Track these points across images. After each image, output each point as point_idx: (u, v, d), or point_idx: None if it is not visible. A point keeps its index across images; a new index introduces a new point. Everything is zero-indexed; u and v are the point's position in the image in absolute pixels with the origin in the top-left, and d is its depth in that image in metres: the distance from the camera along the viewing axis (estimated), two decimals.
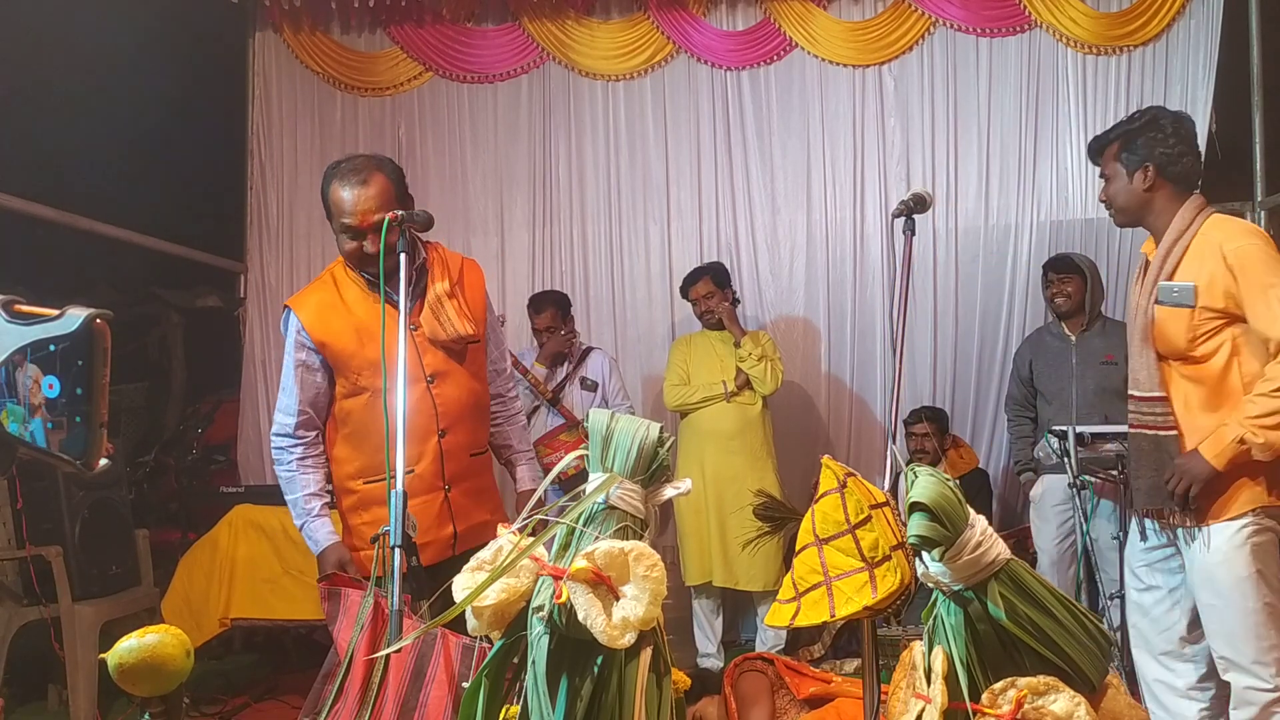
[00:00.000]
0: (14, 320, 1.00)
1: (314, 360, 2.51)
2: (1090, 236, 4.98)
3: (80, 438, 1.00)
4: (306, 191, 5.41)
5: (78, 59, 4.90)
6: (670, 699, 1.55)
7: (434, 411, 2.50)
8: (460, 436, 2.56)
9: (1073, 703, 1.47)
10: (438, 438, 2.51)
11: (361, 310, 2.48)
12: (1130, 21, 4.94)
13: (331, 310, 2.49)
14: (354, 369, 2.48)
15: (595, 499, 1.61)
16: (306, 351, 2.50)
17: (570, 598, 1.46)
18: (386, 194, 2.42)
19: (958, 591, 1.57)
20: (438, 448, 2.51)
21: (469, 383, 2.58)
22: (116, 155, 5.39)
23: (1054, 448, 3.56)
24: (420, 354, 2.49)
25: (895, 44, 5.12)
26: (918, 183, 5.05)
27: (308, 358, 2.51)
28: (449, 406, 2.52)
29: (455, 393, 2.54)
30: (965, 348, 5.13)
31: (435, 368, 2.51)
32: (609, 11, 5.30)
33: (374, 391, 2.45)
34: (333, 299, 2.50)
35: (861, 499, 1.70)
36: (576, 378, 4.65)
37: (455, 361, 2.55)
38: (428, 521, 2.47)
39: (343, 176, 2.43)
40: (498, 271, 5.36)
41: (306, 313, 2.50)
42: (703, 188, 5.27)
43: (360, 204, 2.39)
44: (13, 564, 3.75)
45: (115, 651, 1.47)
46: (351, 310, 2.49)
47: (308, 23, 5.35)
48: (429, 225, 2.42)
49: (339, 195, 2.42)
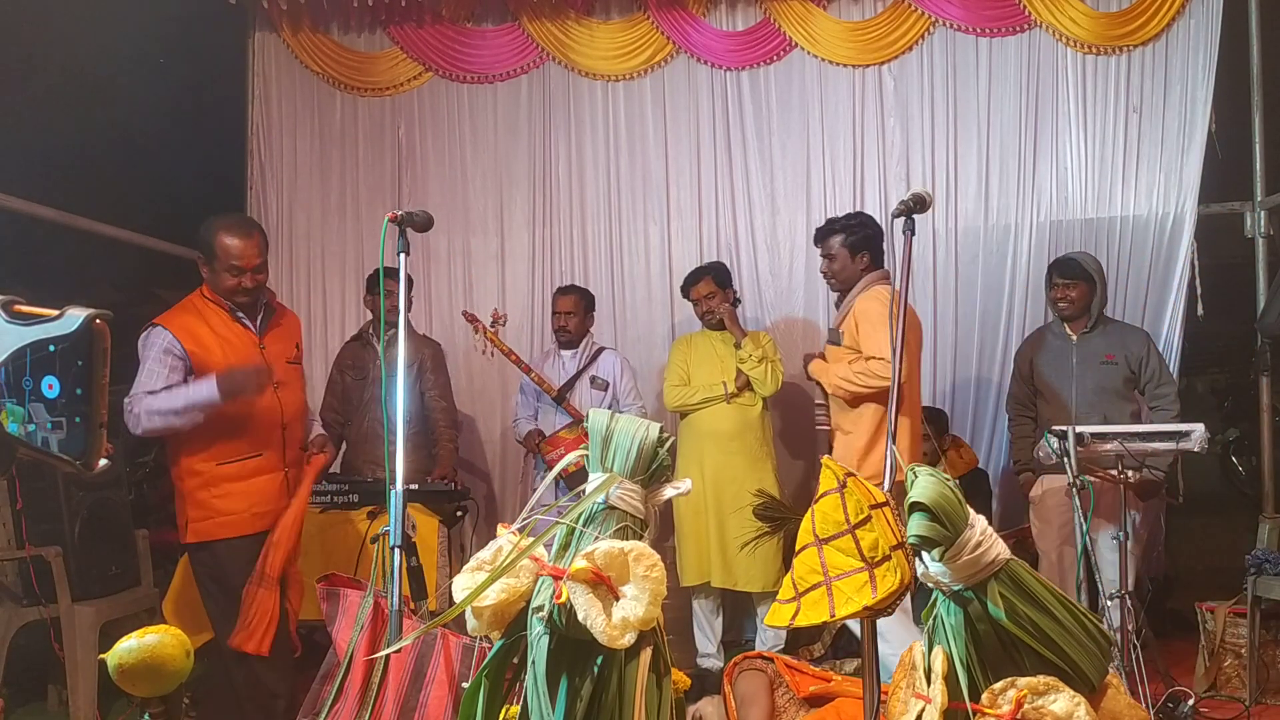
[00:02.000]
0: (14, 320, 1.00)
1: (179, 366, 3.05)
2: (1090, 236, 4.97)
3: (80, 438, 1.00)
4: (306, 191, 5.42)
5: (78, 59, 4.90)
6: (670, 699, 1.55)
7: (280, 409, 3.20)
8: (296, 431, 3.30)
9: (1073, 703, 1.47)
10: (282, 430, 3.22)
11: (225, 330, 3.14)
12: (1130, 21, 4.93)
13: (198, 328, 3.10)
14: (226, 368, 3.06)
15: (595, 499, 1.61)
16: (174, 358, 3.04)
17: (570, 598, 1.46)
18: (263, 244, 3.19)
19: (958, 591, 1.57)
20: (282, 438, 3.22)
21: (300, 392, 3.36)
22: (116, 155, 5.38)
23: (1054, 448, 3.55)
24: (271, 365, 3.18)
25: (895, 44, 5.11)
26: (918, 183, 5.05)
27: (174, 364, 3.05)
28: (289, 407, 3.24)
29: (291, 397, 3.27)
30: (965, 348, 5.13)
31: (280, 377, 3.21)
32: (609, 12, 5.30)
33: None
34: (198, 320, 3.12)
35: (861, 499, 1.70)
36: (586, 377, 4.65)
37: (293, 374, 3.32)
38: (273, 493, 3.17)
39: (228, 227, 3.14)
40: (498, 271, 5.36)
41: (175, 328, 3.07)
42: (702, 188, 5.26)
43: (248, 250, 3.12)
44: (12, 564, 3.75)
45: (115, 652, 1.47)
46: (215, 330, 3.12)
47: (307, 23, 5.35)
48: (429, 225, 2.46)
49: (226, 242, 3.10)
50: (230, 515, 3.11)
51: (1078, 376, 4.09)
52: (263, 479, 3.16)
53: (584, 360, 4.69)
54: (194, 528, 3.12)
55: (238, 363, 3.08)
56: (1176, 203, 4.91)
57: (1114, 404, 4.07)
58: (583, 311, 4.71)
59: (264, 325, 3.24)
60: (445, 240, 5.33)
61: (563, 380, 4.62)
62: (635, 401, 4.65)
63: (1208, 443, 3.56)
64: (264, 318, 3.25)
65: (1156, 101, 4.95)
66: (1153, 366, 4.11)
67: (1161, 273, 4.91)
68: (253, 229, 3.19)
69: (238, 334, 3.16)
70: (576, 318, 4.68)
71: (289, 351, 3.32)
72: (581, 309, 4.71)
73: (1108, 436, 3.55)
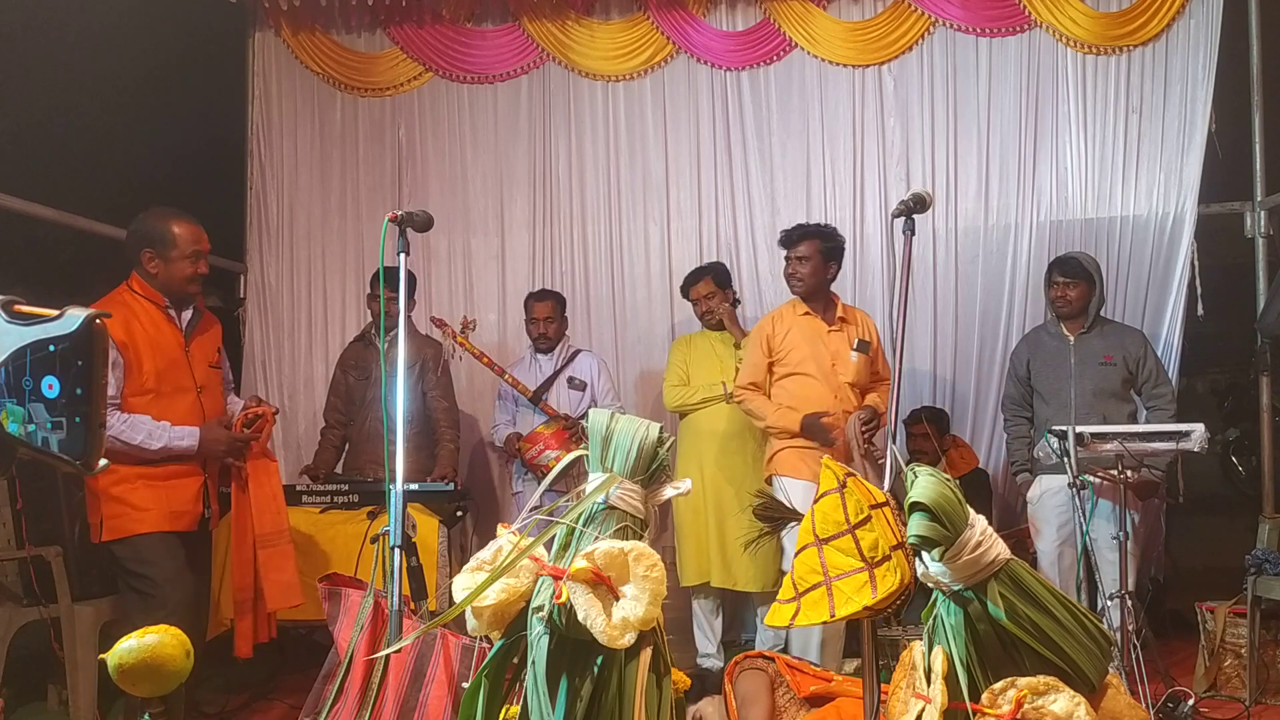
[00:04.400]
0: (14, 320, 1.00)
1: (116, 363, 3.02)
2: (1090, 236, 4.97)
3: (80, 438, 1.00)
4: (306, 191, 5.42)
5: (77, 59, 4.89)
6: (670, 699, 1.55)
7: (202, 415, 3.22)
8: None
9: (1073, 703, 1.47)
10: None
11: (153, 328, 3.15)
12: (1130, 21, 4.94)
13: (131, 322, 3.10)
14: (144, 371, 3.09)
15: (595, 499, 1.61)
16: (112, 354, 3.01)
17: (570, 598, 1.46)
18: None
19: (958, 591, 1.57)
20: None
21: (219, 398, 3.38)
22: (116, 155, 5.38)
23: (1054, 447, 3.55)
24: (193, 369, 3.23)
25: (895, 44, 5.11)
26: (918, 183, 5.05)
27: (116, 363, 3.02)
28: (210, 413, 3.26)
29: (212, 403, 3.30)
30: (965, 348, 5.12)
31: (201, 381, 3.26)
32: (609, 12, 5.30)
33: (157, 394, 3.11)
34: (129, 315, 3.11)
35: (861, 499, 1.70)
36: (563, 378, 4.66)
37: (214, 378, 3.36)
38: (190, 496, 3.19)
39: (177, 215, 3.18)
40: (498, 271, 5.36)
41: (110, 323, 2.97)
42: (703, 188, 5.27)
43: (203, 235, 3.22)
44: (12, 564, 3.75)
45: (115, 652, 1.47)
46: (144, 327, 3.13)
47: (307, 23, 5.35)
48: (428, 225, 2.46)
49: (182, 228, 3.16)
50: (147, 510, 3.09)
51: (1076, 377, 4.08)
52: (180, 481, 3.17)
53: (560, 362, 4.71)
54: (109, 524, 3.10)
55: (164, 364, 3.13)
56: (1176, 203, 4.91)
57: (1112, 405, 4.07)
58: (559, 316, 4.74)
59: (191, 327, 3.27)
60: (445, 240, 5.33)
61: (535, 384, 4.64)
62: (614, 402, 4.66)
63: (1208, 443, 3.56)
64: (192, 319, 3.28)
65: (1156, 101, 4.95)
66: (1150, 367, 4.11)
67: (1161, 273, 4.91)
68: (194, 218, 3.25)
69: (166, 334, 3.19)
70: (555, 323, 4.71)
71: (211, 355, 3.35)
72: (559, 313, 4.74)
73: (1107, 436, 3.55)
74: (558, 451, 4.34)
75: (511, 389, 4.63)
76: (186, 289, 3.21)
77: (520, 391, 4.59)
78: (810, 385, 3.94)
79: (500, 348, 5.17)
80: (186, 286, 3.20)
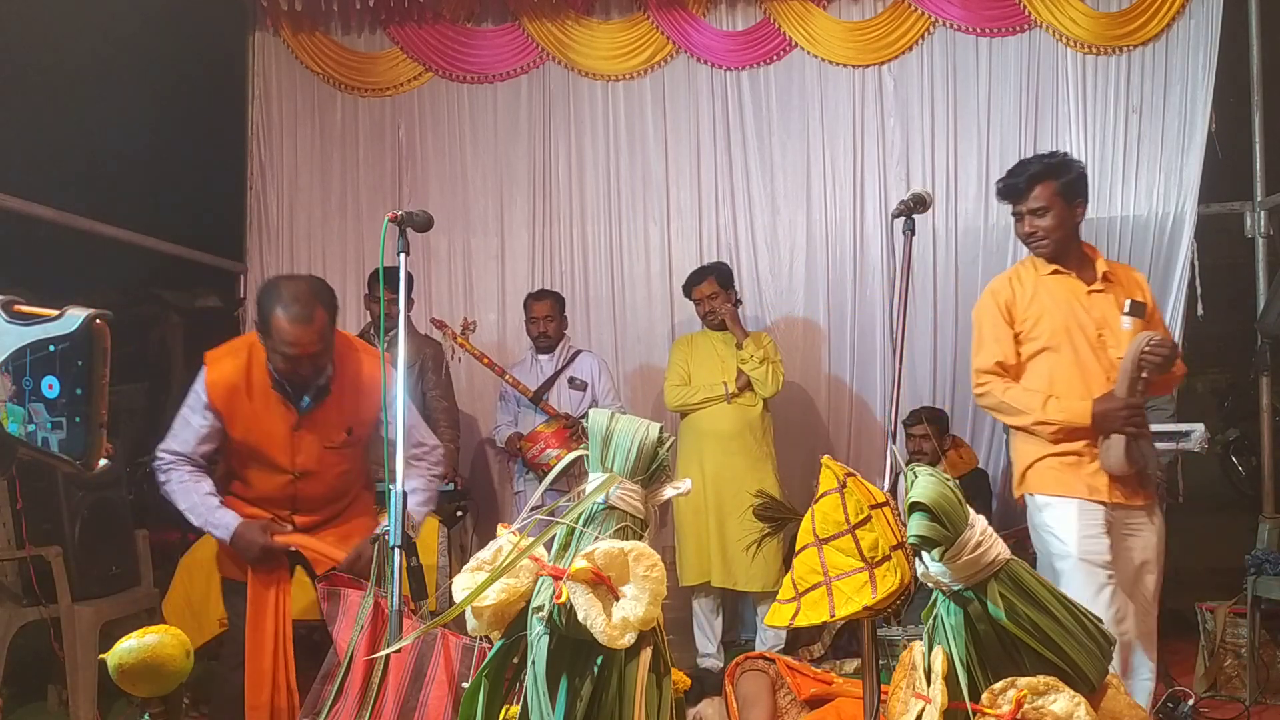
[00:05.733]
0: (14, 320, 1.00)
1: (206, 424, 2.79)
2: (1090, 236, 4.91)
3: (80, 438, 1.00)
4: (306, 192, 5.42)
5: (77, 59, 4.89)
6: (670, 699, 1.55)
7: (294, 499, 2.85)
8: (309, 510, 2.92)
9: (1073, 703, 1.47)
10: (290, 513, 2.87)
11: (262, 399, 2.77)
12: (1130, 21, 4.93)
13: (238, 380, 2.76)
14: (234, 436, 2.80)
15: (595, 499, 1.61)
16: (202, 414, 2.79)
17: (570, 598, 1.46)
18: (324, 328, 2.69)
19: (958, 591, 1.57)
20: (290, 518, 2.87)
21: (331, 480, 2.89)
22: (116, 155, 5.38)
23: None
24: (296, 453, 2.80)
25: (895, 44, 5.11)
26: (918, 183, 5.05)
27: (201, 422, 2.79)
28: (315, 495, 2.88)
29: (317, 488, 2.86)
30: (965, 348, 5.09)
31: (306, 466, 2.82)
32: (609, 11, 5.30)
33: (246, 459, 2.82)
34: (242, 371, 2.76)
35: (861, 499, 1.70)
36: (564, 378, 4.67)
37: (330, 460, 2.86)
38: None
39: (286, 305, 2.64)
40: (498, 271, 5.36)
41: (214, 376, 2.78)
42: (702, 188, 5.27)
43: (303, 338, 2.65)
44: (13, 564, 3.75)
45: (115, 652, 1.47)
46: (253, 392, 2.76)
47: (307, 23, 5.35)
48: (428, 226, 2.46)
49: (281, 324, 2.64)
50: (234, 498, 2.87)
51: None
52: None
53: (561, 362, 4.71)
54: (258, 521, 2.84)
55: (257, 437, 2.78)
56: (1176, 203, 4.91)
57: None
58: (559, 315, 4.74)
59: (312, 405, 2.80)
60: (445, 240, 5.33)
61: (536, 384, 4.63)
62: (615, 402, 4.66)
63: (1207, 443, 3.56)
64: (315, 396, 2.80)
65: (1156, 101, 4.95)
66: None
67: (1161, 273, 4.91)
68: (313, 312, 2.65)
69: (273, 408, 2.77)
70: (554, 322, 4.72)
71: (334, 435, 2.83)
72: (558, 312, 4.74)
73: None
74: (558, 450, 4.35)
75: (513, 390, 4.64)
76: (286, 377, 2.76)
77: (521, 392, 4.59)
78: (1069, 364, 2.99)
79: (500, 348, 5.18)
80: (284, 374, 2.75)
